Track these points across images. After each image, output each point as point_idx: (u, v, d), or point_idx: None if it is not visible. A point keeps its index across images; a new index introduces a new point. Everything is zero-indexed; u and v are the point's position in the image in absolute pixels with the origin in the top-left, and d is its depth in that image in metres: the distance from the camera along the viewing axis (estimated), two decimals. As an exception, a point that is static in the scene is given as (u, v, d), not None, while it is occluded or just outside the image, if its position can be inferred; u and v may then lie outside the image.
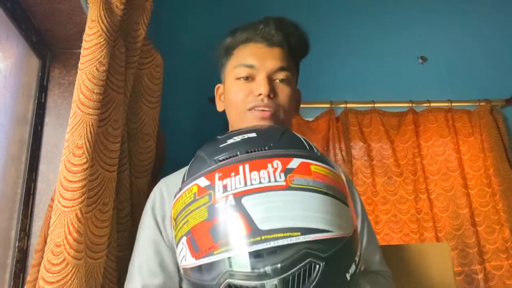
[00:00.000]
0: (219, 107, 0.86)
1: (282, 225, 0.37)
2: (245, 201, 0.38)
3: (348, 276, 0.38)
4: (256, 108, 0.73)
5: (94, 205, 0.72)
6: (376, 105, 1.85)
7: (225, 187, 0.40)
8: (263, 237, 0.36)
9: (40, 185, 0.93)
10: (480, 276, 1.66)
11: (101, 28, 0.72)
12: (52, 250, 0.62)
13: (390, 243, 1.67)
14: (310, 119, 1.84)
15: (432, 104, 1.87)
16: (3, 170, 0.84)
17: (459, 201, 1.76)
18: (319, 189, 0.41)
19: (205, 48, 1.79)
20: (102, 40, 0.71)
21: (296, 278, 0.36)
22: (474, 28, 2.03)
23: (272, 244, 0.36)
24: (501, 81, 1.96)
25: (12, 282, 0.82)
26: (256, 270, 0.36)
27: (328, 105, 1.82)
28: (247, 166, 0.41)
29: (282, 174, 0.40)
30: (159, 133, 1.08)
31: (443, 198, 1.77)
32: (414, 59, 1.99)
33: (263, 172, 0.40)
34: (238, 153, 0.43)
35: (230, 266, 0.36)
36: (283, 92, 0.75)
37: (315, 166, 0.42)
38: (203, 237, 0.39)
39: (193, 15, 1.86)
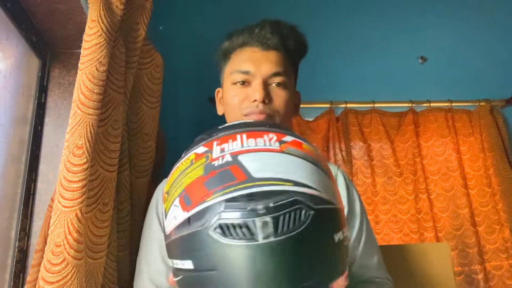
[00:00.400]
0: (219, 111, 0.87)
1: (275, 175, 0.39)
2: (241, 157, 0.41)
3: (336, 237, 0.40)
4: (251, 114, 0.74)
5: (94, 205, 0.72)
6: (376, 105, 1.85)
7: (222, 150, 0.43)
8: (257, 183, 0.38)
9: (40, 185, 0.93)
10: (480, 276, 1.67)
11: (101, 28, 0.72)
12: (52, 250, 0.62)
13: (390, 243, 1.68)
14: (310, 119, 1.84)
15: (432, 104, 1.88)
16: (3, 170, 0.84)
17: (459, 201, 1.76)
18: (310, 160, 0.43)
19: (205, 48, 1.79)
20: (102, 40, 0.71)
21: (287, 218, 0.37)
22: (474, 28, 2.03)
23: (265, 188, 0.38)
24: (501, 81, 1.96)
25: (12, 282, 0.82)
26: (248, 208, 0.37)
27: (328, 105, 1.83)
28: (244, 135, 0.44)
29: (277, 143, 0.43)
30: (159, 133, 1.08)
31: (443, 198, 1.77)
32: (414, 59, 1.99)
33: (259, 139, 0.43)
34: (237, 128, 0.46)
35: (223, 208, 0.38)
36: (279, 96, 0.76)
37: (306, 146, 0.46)
38: (197, 190, 0.41)
39: (193, 15, 1.86)
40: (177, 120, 1.65)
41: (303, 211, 0.38)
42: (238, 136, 0.44)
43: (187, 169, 0.44)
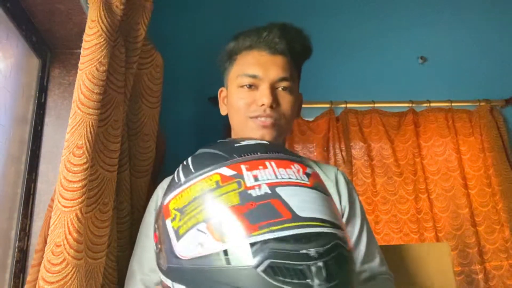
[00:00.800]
0: (223, 111, 0.87)
1: (317, 215, 0.39)
2: (279, 190, 0.40)
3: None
4: (258, 118, 0.74)
5: (94, 205, 0.72)
6: (376, 105, 1.85)
7: (255, 177, 0.41)
8: (304, 223, 0.38)
9: (40, 185, 0.93)
10: (480, 276, 1.66)
11: (101, 28, 0.72)
12: (52, 250, 0.62)
13: (390, 243, 1.67)
14: (310, 119, 1.84)
15: (432, 104, 1.87)
16: (3, 170, 0.84)
17: (459, 201, 1.76)
18: (328, 194, 0.45)
19: (205, 48, 1.79)
20: (102, 40, 0.71)
21: (336, 263, 0.38)
22: (474, 28, 2.03)
23: (313, 230, 0.38)
24: (501, 81, 1.96)
25: (12, 282, 0.82)
26: (300, 251, 0.37)
27: (328, 105, 1.82)
28: (273, 163, 0.43)
29: (305, 176, 0.43)
30: (159, 133, 1.08)
31: (443, 198, 1.77)
32: (414, 59, 1.98)
33: (289, 170, 0.43)
34: (259, 153, 0.44)
35: (274, 247, 0.37)
36: (286, 101, 0.76)
37: (321, 176, 0.48)
38: (235, 221, 0.38)
39: (193, 15, 1.86)
40: (177, 120, 1.65)
41: (345, 255, 0.40)
42: (268, 164, 0.42)
43: (213, 191, 0.41)
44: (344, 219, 0.78)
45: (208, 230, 0.39)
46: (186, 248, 0.41)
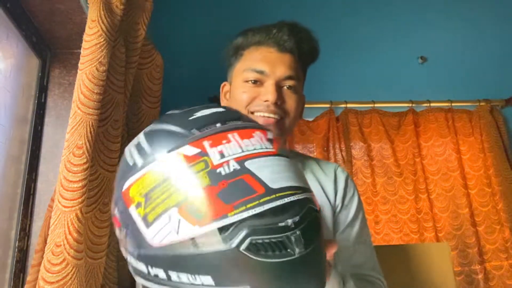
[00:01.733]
0: (223, 105, 0.86)
1: (288, 183, 0.39)
2: (248, 164, 0.39)
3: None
4: (259, 113, 0.73)
5: (94, 205, 0.72)
6: (376, 105, 1.85)
7: (221, 153, 0.40)
8: (277, 195, 0.38)
9: (40, 185, 0.93)
10: (480, 276, 1.67)
11: (101, 28, 0.72)
12: (52, 250, 0.62)
13: (390, 243, 1.68)
14: (310, 119, 1.84)
15: (432, 104, 1.88)
16: (3, 170, 0.84)
17: (459, 201, 1.76)
18: (289, 156, 0.45)
19: (205, 48, 1.79)
20: (102, 40, 0.71)
21: (310, 228, 0.39)
22: (474, 28, 2.03)
23: (286, 200, 0.38)
24: (501, 81, 1.96)
25: (12, 282, 0.82)
26: (279, 224, 0.37)
27: (328, 105, 1.83)
28: (236, 134, 0.41)
29: (268, 143, 0.42)
30: (159, 133, 1.08)
31: (443, 198, 1.77)
32: (414, 59, 1.99)
33: (253, 140, 0.41)
34: (218, 124, 0.42)
35: (253, 225, 0.37)
36: (291, 99, 0.76)
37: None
38: (209, 203, 0.37)
39: (193, 15, 1.86)
40: (177, 120, 1.64)
41: (317, 217, 0.40)
42: (231, 137, 0.41)
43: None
44: (336, 214, 0.78)
45: (181, 215, 0.38)
46: (159, 235, 0.39)
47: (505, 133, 1.85)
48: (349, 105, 1.84)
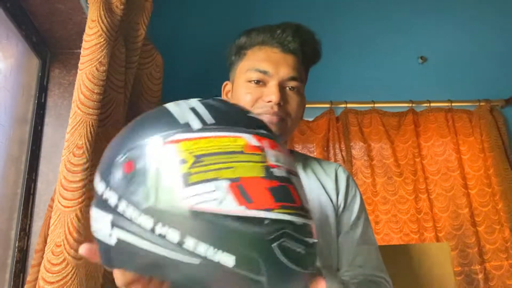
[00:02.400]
0: None
1: (307, 205, 0.44)
2: (291, 177, 0.43)
3: None
4: (263, 114, 0.73)
5: (94, 205, 0.72)
6: (376, 105, 1.85)
7: (276, 158, 0.43)
8: (307, 215, 0.42)
9: (40, 185, 0.93)
10: (480, 276, 1.67)
11: (101, 28, 0.72)
12: (52, 250, 0.62)
13: (390, 243, 1.68)
14: (310, 119, 1.84)
15: (432, 104, 1.88)
16: (3, 170, 0.84)
17: (459, 201, 1.76)
18: None
19: (205, 48, 1.79)
20: (102, 40, 0.71)
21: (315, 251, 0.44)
22: (474, 28, 2.03)
23: (308, 221, 0.42)
24: (501, 81, 1.96)
25: (12, 282, 0.82)
26: (304, 239, 0.41)
27: (328, 105, 1.83)
28: (276, 146, 0.45)
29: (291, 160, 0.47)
30: (159, 133, 1.08)
31: (443, 198, 1.77)
32: (414, 59, 1.99)
33: (284, 156, 0.45)
34: (262, 130, 0.45)
35: (290, 231, 0.40)
36: (293, 100, 0.76)
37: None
38: (260, 192, 0.40)
39: (193, 15, 1.86)
40: (177, 120, 1.64)
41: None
42: (277, 147, 0.44)
43: (237, 154, 0.41)
44: (338, 213, 0.78)
45: (232, 191, 0.39)
46: (196, 198, 0.39)
47: (505, 133, 1.85)
48: (349, 105, 1.84)
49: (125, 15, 0.83)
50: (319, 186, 0.78)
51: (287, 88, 0.76)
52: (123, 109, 0.87)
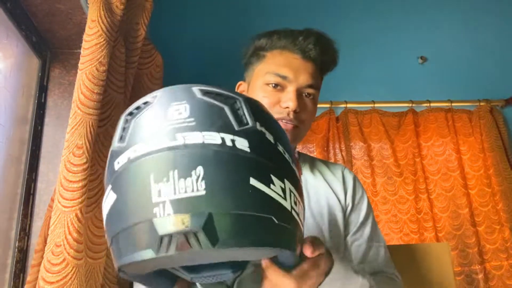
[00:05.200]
0: None
1: None
2: None
3: None
4: (280, 120, 0.74)
5: (94, 205, 0.72)
6: (376, 105, 1.85)
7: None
8: None
9: (40, 185, 0.93)
10: (480, 276, 1.66)
11: (101, 28, 0.72)
12: (52, 250, 0.62)
13: (390, 243, 1.67)
14: (310, 119, 1.83)
15: (432, 104, 1.87)
16: (3, 170, 0.84)
17: (459, 201, 1.76)
18: None
19: (205, 48, 1.79)
20: (102, 40, 0.71)
21: None
22: (474, 28, 2.03)
23: None
24: (501, 81, 1.96)
25: (12, 282, 0.82)
26: None
27: (328, 105, 1.82)
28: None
29: None
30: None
31: (443, 198, 1.77)
32: (414, 59, 1.99)
33: None
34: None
35: None
36: (308, 108, 0.76)
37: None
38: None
39: (194, 15, 1.86)
40: (177, 120, 1.64)
41: None
42: None
43: None
44: (346, 214, 0.79)
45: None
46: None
47: (505, 133, 1.85)
48: (349, 105, 1.84)
49: (125, 15, 0.83)
50: (327, 187, 0.79)
51: (304, 94, 0.76)
52: (123, 109, 0.87)
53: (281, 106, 0.74)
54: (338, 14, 1.98)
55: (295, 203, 0.41)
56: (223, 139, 0.37)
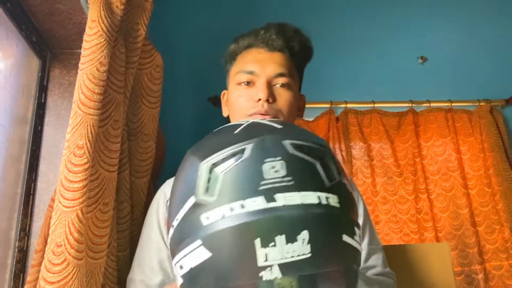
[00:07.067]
0: (225, 113, 0.87)
1: None
2: None
3: None
4: (256, 114, 0.74)
5: (95, 205, 0.72)
6: (376, 105, 1.85)
7: None
8: None
9: (40, 185, 0.93)
10: (480, 276, 1.67)
11: (102, 28, 0.72)
12: (53, 250, 0.62)
13: (390, 243, 1.67)
14: (310, 119, 1.84)
15: (432, 104, 1.88)
16: (3, 170, 0.84)
17: (459, 201, 1.76)
18: None
19: (205, 48, 1.79)
20: (102, 40, 0.71)
21: None
22: (474, 28, 2.03)
23: None
24: (501, 81, 1.96)
25: (12, 282, 0.82)
26: None
27: (328, 105, 1.82)
28: None
29: None
30: (159, 133, 1.08)
31: (443, 198, 1.77)
32: (414, 59, 1.99)
33: None
34: None
35: None
36: (283, 97, 0.76)
37: None
38: None
39: (193, 15, 1.86)
40: (177, 120, 1.65)
41: None
42: None
43: None
44: None
45: None
46: None
47: (505, 133, 1.85)
48: (349, 105, 1.84)
49: (125, 15, 0.83)
50: None
51: (277, 85, 0.76)
52: (123, 109, 0.87)
53: (254, 100, 0.74)
54: (338, 15, 1.98)
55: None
56: (319, 197, 0.38)
